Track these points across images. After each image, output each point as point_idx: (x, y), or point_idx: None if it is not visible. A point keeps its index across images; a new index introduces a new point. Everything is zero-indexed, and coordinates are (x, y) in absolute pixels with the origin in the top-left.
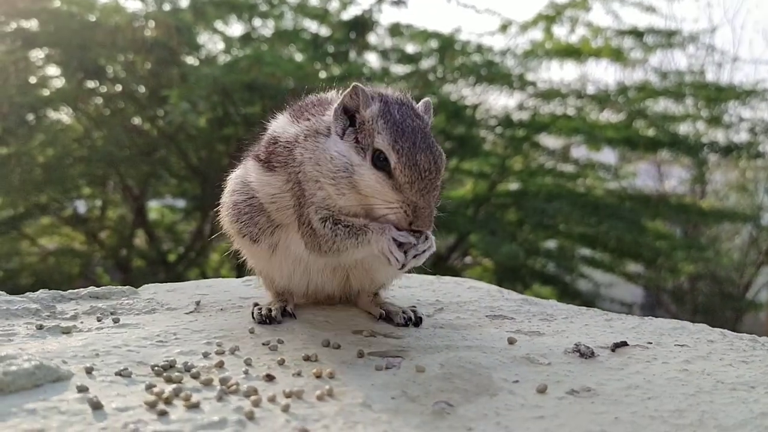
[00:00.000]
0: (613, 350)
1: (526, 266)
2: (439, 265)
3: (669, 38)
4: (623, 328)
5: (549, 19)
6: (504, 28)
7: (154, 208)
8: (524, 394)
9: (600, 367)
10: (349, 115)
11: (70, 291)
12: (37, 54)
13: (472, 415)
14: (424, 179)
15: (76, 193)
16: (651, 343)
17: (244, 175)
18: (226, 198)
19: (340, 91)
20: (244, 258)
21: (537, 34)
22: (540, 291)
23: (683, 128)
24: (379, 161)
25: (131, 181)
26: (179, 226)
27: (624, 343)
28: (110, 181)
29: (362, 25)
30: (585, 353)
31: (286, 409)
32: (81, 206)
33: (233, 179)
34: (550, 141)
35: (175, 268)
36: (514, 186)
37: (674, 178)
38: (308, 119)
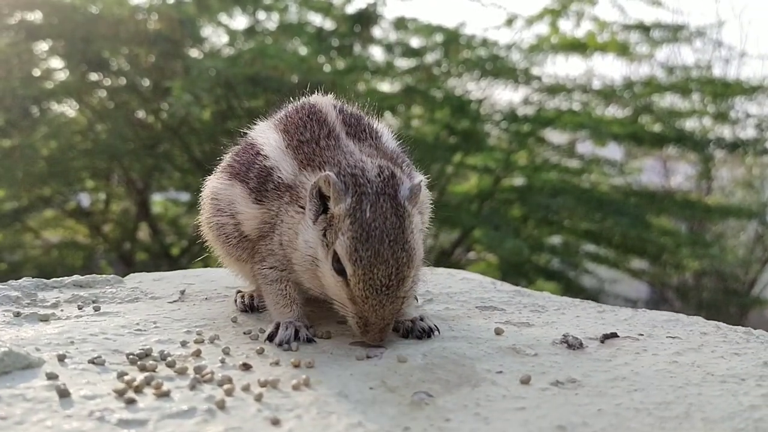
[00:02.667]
0: (602, 342)
1: (530, 262)
2: (442, 261)
3: (675, 33)
4: (615, 320)
5: (555, 13)
6: (509, 22)
7: (157, 201)
8: (507, 385)
9: (588, 359)
10: (324, 199)
11: (53, 279)
12: (41, 46)
13: (451, 405)
14: (380, 294)
15: (80, 186)
16: (642, 334)
17: (231, 197)
18: (211, 216)
19: (338, 112)
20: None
21: (542, 28)
22: (544, 286)
23: (689, 124)
24: (338, 265)
25: (135, 175)
26: (182, 219)
27: (614, 335)
28: (114, 174)
29: (367, 18)
30: (573, 344)
31: (259, 398)
32: (84, 199)
33: (217, 195)
34: (555, 136)
35: (179, 262)
36: (518, 181)
37: (680, 174)
38: (300, 167)
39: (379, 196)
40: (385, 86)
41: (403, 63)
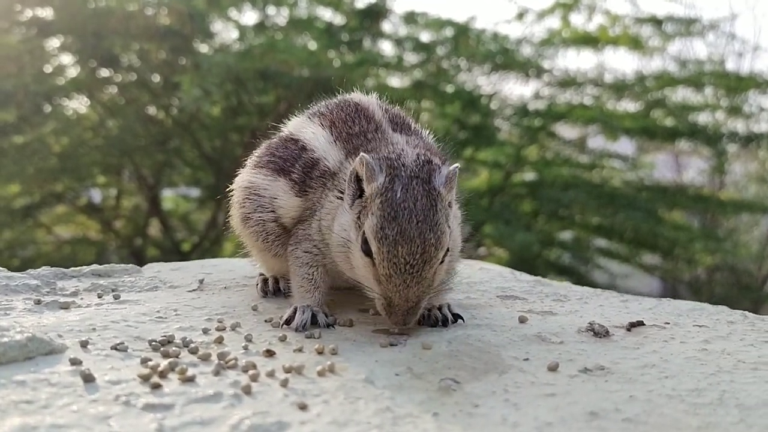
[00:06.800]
0: (628, 329)
1: (540, 257)
2: None
3: (688, 26)
4: (640, 309)
5: (566, 6)
6: (520, 16)
7: (168, 197)
8: (534, 372)
9: (615, 346)
10: (360, 183)
11: (72, 268)
12: (52, 42)
13: (479, 392)
14: (404, 273)
15: (91, 182)
16: (668, 323)
17: (273, 192)
18: (251, 212)
19: (383, 110)
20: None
21: (554, 22)
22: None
23: (702, 118)
24: (366, 246)
25: (145, 170)
26: (193, 215)
27: (640, 323)
28: (125, 170)
29: (376, 13)
30: (599, 332)
31: (285, 383)
32: (96, 195)
33: (258, 191)
34: (566, 130)
35: (189, 257)
36: (529, 176)
37: (693, 168)
38: (348, 156)
39: (411, 179)
40: (395, 81)
41: (412, 57)
